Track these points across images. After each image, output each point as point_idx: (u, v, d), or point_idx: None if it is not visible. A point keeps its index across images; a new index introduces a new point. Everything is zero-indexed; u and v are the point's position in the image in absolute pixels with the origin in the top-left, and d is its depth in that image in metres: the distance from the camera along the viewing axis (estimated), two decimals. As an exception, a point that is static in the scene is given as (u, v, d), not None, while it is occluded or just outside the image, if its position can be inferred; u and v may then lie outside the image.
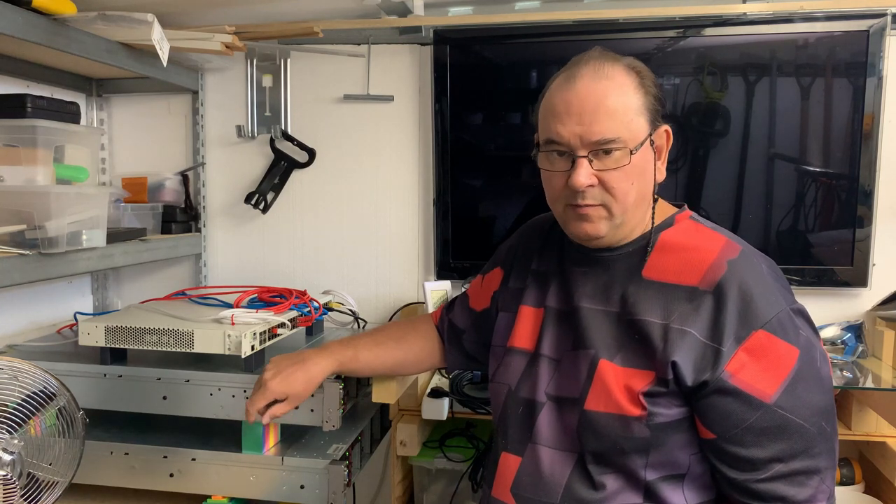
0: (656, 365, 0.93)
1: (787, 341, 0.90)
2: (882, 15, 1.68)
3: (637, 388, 0.94)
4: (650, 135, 0.98)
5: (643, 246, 1.02)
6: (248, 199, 2.00)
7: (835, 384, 1.60)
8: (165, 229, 1.97)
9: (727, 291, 0.92)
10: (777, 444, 0.90)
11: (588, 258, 1.06)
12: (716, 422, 0.92)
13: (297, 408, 1.26)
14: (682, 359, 0.91)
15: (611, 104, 0.94)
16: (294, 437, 1.43)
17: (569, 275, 1.07)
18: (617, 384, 0.95)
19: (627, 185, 0.96)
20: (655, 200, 1.03)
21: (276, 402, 1.19)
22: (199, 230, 2.08)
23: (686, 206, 1.07)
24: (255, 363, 1.40)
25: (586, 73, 0.96)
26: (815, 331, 0.96)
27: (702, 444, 0.96)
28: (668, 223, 1.03)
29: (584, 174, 0.94)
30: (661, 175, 1.02)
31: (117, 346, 1.41)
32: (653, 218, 1.02)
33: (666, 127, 1.01)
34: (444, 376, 1.74)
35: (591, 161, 0.95)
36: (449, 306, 1.35)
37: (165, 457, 1.37)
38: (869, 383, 1.57)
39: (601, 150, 0.94)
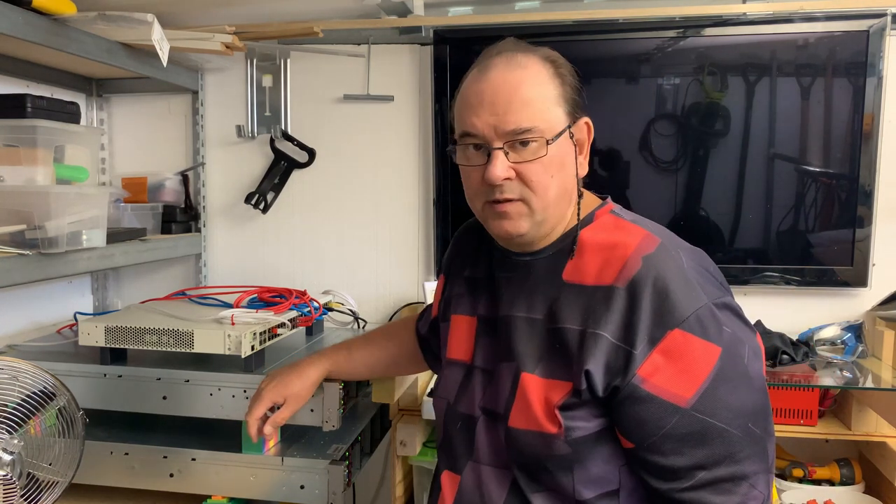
0: (573, 375, 0.88)
1: (706, 339, 0.84)
2: (882, 15, 1.68)
3: (554, 400, 0.89)
4: (569, 127, 0.93)
5: (562, 248, 0.96)
6: (248, 199, 2.00)
7: (835, 384, 1.60)
8: (165, 229, 1.97)
9: (641, 289, 0.86)
10: (698, 450, 0.84)
11: (510, 262, 1.00)
12: (632, 430, 0.86)
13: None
14: (595, 365, 0.86)
15: (525, 93, 0.89)
16: (294, 437, 1.43)
17: (496, 281, 1.02)
18: (538, 398, 0.90)
19: (547, 178, 0.91)
20: (581, 196, 0.98)
21: (276, 410, 1.19)
22: (199, 230, 2.08)
23: (609, 199, 1.01)
24: (255, 363, 1.40)
25: (499, 62, 0.92)
26: (747, 324, 0.90)
27: (625, 453, 0.90)
28: (588, 220, 0.97)
29: (501, 167, 0.89)
30: (584, 170, 0.96)
31: (117, 346, 1.41)
32: (578, 215, 0.97)
33: (586, 119, 0.96)
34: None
35: (507, 153, 0.90)
36: (420, 314, 1.32)
37: (165, 457, 1.37)
38: (869, 383, 1.57)
39: (517, 140, 0.89)
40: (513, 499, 0.94)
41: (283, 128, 2.02)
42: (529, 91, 0.90)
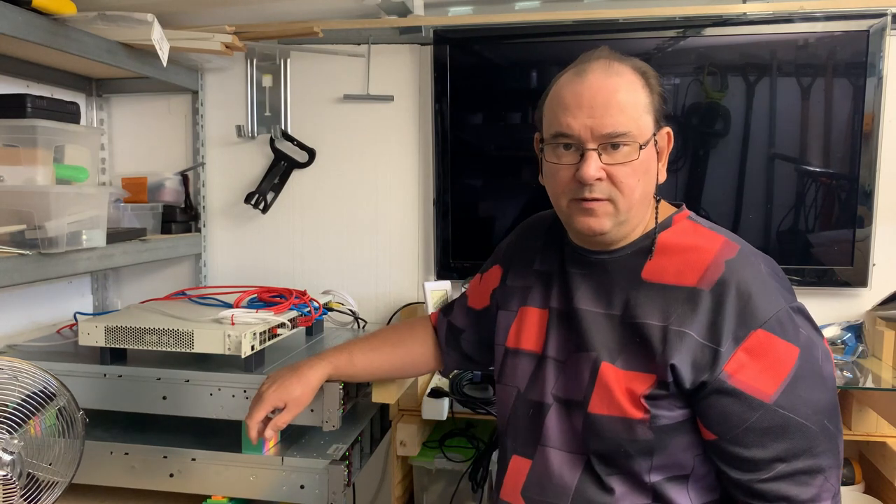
0: (657, 368, 0.94)
1: (786, 340, 0.90)
2: (882, 15, 1.68)
3: (639, 391, 0.94)
4: (654, 134, 0.98)
5: (641, 248, 1.02)
6: (247, 199, 2.00)
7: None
8: (165, 229, 1.97)
9: (725, 291, 0.92)
10: (779, 443, 0.90)
11: (586, 260, 1.06)
12: (716, 423, 0.92)
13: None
14: (681, 361, 0.92)
15: (622, 99, 0.94)
16: (294, 437, 1.43)
17: (569, 276, 1.07)
18: (619, 387, 0.96)
19: (634, 181, 0.96)
20: (658, 202, 1.04)
21: (277, 413, 1.20)
22: (198, 230, 2.08)
23: (684, 206, 1.07)
24: (255, 363, 1.40)
25: (597, 68, 0.96)
26: (817, 329, 0.96)
27: (705, 445, 0.96)
28: (666, 224, 1.03)
29: (594, 167, 0.94)
30: (663, 176, 1.03)
31: (117, 346, 1.41)
32: (656, 219, 1.03)
33: (668, 129, 1.01)
34: (444, 376, 1.74)
35: (599, 154, 0.94)
36: (447, 309, 1.35)
37: (165, 457, 1.37)
38: (869, 383, 1.57)
39: (610, 143, 0.94)
40: (586, 481, 0.99)
41: (283, 128, 2.02)
42: (625, 97, 0.94)
